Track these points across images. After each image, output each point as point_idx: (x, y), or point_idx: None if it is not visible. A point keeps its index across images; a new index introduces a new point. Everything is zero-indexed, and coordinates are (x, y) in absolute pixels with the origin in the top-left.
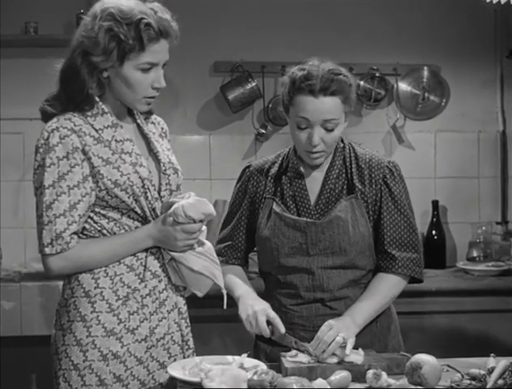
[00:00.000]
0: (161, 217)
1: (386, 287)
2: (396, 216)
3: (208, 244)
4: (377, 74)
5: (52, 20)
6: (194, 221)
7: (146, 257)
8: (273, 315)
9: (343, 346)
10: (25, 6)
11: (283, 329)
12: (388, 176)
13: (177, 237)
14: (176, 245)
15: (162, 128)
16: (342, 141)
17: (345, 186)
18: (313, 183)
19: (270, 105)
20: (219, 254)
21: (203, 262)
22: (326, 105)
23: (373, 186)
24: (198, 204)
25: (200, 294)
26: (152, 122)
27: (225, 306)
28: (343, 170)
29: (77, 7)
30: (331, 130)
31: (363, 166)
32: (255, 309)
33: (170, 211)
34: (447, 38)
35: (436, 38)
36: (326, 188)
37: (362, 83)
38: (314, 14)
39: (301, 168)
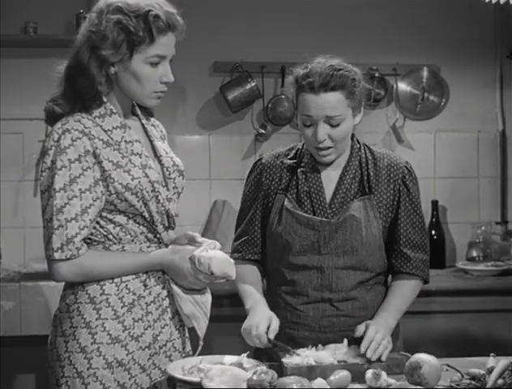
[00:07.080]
0: (178, 251)
1: (409, 290)
2: (413, 217)
3: (208, 296)
4: (377, 75)
5: (52, 20)
6: (212, 274)
7: None
8: (274, 326)
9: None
10: (25, 5)
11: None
12: (407, 176)
13: (188, 279)
14: (181, 282)
15: (161, 131)
16: (358, 142)
17: (360, 188)
18: (328, 181)
19: (270, 105)
20: (235, 250)
21: (194, 311)
22: (328, 101)
23: (391, 186)
24: (225, 263)
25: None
26: (152, 125)
27: (196, 355)
28: (359, 171)
29: (77, 7)
30: (337, 126)
31: (381, 166)
32: (256, 319)
33: (195, 254)
34: (447, 38)
35: (435, 38)
36: (342, 187)
37: None
38: (314, 14)
39: (317, 165)
